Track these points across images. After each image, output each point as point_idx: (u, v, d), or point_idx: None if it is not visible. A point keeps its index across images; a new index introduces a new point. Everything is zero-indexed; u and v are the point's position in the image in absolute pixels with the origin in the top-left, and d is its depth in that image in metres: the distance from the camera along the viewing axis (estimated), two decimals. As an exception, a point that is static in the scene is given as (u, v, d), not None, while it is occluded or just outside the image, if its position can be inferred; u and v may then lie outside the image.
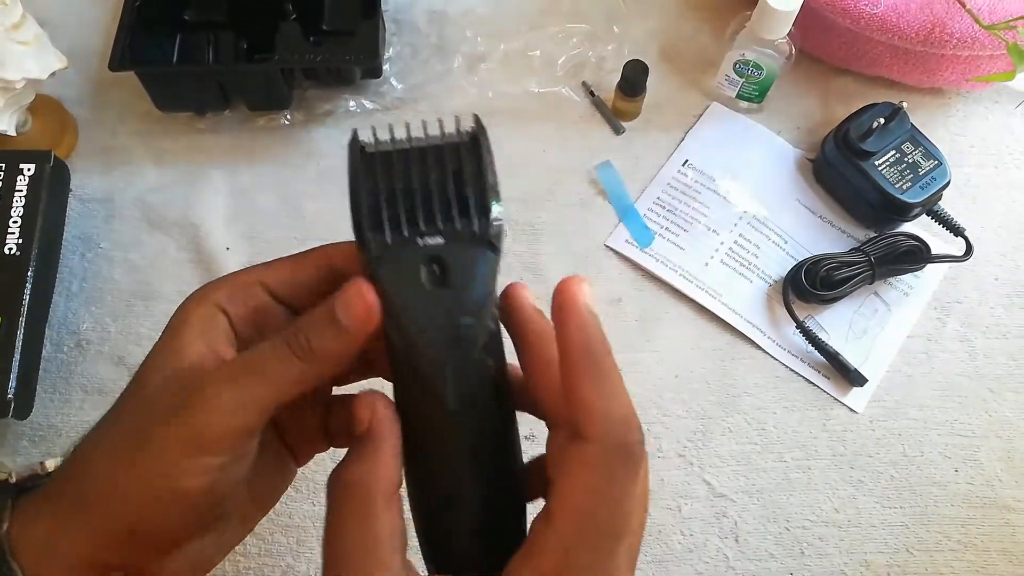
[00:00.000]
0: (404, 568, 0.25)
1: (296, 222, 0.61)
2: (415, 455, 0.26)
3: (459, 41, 0.67)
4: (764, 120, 0.65)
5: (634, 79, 0.61)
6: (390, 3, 0.68)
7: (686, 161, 0.63)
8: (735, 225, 0.61)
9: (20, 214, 0.54)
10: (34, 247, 0.53)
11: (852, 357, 0.56)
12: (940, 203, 0.59)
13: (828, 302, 0.58)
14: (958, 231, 0.59)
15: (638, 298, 0.59)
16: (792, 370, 0.57)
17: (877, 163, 0.58)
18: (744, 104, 0.64)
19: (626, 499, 0.24)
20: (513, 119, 0.64)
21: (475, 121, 0.26)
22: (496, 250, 0.26)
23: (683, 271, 0.59)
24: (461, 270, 0.25)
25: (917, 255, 0.58)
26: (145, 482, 0.25)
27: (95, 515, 0.25)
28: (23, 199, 0.54)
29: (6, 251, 0.53)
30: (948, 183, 0.58)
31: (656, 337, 0.57)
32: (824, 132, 0.61)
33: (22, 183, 0.54)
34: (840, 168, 0.59)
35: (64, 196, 0.59)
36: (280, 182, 0.62)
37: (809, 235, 0.61)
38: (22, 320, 0.51)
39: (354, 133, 0.26)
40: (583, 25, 0.67)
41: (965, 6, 0.56)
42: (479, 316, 0.25)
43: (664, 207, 0.61)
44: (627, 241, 0.60)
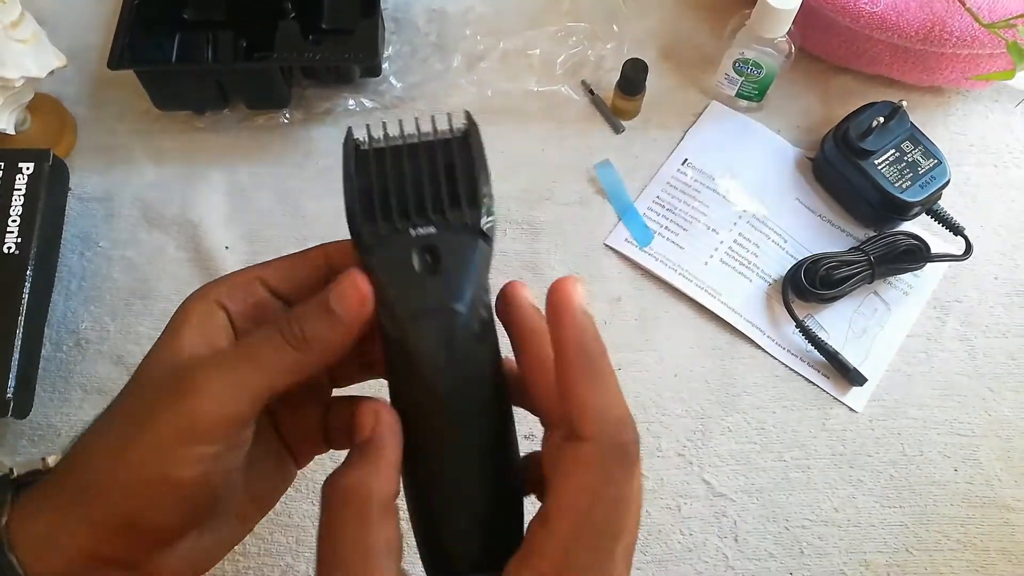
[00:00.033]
0: None
1: (295, 221, 0.61)
2: (412, 450, 0.26)
3: (458, 40, 0.67)
4: (764, 119, 0.65)
5: (633, 78, 0.61)
6: (389, 2, 0.68)
7: (685, 160, 0.63)
8: (735, 224, 0.60)
9: (19, 213, 0.53)
10: (33, 246, 0.53)
11: (852, 356, 0.56)
12: (940, 202, 0.59)
13: (828, 301, 0.58)
14: (958, 230, 0.59)
15: (637, 297, 0.59)
16: (791, 369, 0.57)
17: (877, 162, 0.58)
18: (744, 103, 0.64)
19: (623, 499, 0.24)
20: (512, 118, 0.64)
21: (466, 117, 0.27)
22: (488, 240, 0.26)
23: (682, 270, 0.59)
24: (453, 258, 0.25)
25: (917, 254, 0.58)
26: (139, 471, 0.25)
27: (93, 507, 0.25)
28: (22, 198, 0.54)
29: (5, 250, 0.53)
30: (948, 182, 0.58)
31: (655, 336, 0.57)
32: (824, 131, 0.61)
33: (21, 182, 0.54)
34: (840, 167, 0.59)
35: (63, 195, 0.59)
36: (279, 181, 0.62)
37: (809, 234, 0.61)
38: (21, 319, 0.51)
39: (349, 131, 0.26)
40: (582, 24, 0.67)
41: (965, 4, 0.56)
42: (471, 303, 0.25)
43: (663, 206, 0.61)
44: (626, 240, 0.60)
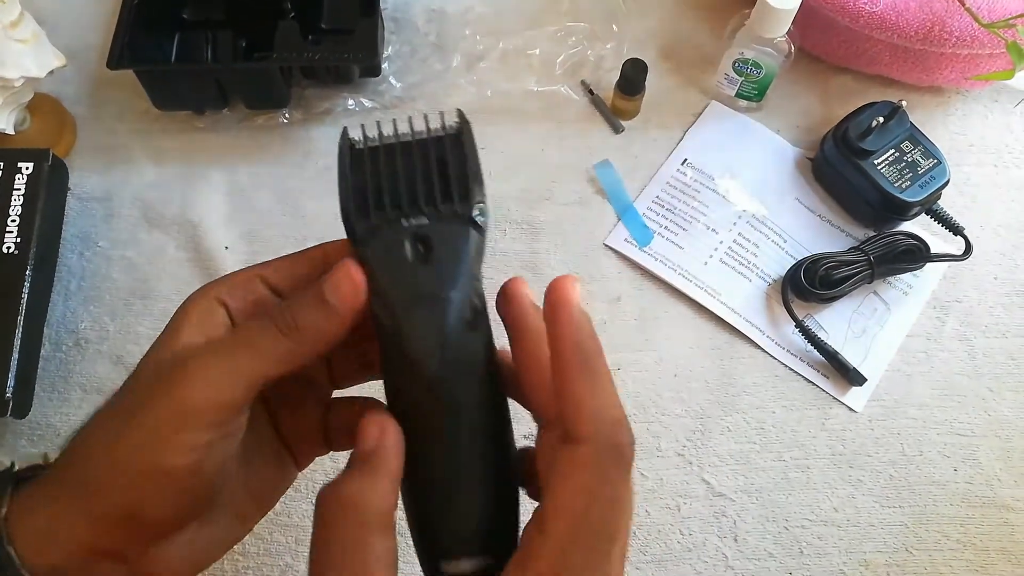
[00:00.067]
0: None
1: (294, 220, 0.61)
2: (407, 441, 0.26)
3: (458, 40, 0.67)
4: (763, 119, 0.65)
5: (633, 78, 0.61)
6: (389, 2, 0.68)
7: (685, 160, 0.63)
8: (734, 224, 0.60)
9: (19, 213, 0.53)
10: (32, 246, 0.53)
11: (851, 356, 0.56)
12: (939, 202, 0.59)
13: (827, 301, 0.58)
14: (957, 230, 0.59)
15: (637, 297, 0.59)
16: (791, 369, 0.57)
17: (876, 162, 0.58)
18: (743, 103, 0.64)
19: (619, 500, 0.24)
20: (512, 118, 0.64)
21: (458, 115, 0.28)
22: (480, 230, 0.26)
23: (682, 270, 0.59)
24: (445, 247, 0.26)
25: (916, 254, 0.58)
26: (133, 461, 0.25)
27: (89, 499, 0.25)
28: (21, 198, 0.54)
29: (4, 250, 0.52)
30: (947, 182, 0.58)
31: (655, 336, 0.57)
32: (823, 131, 0.61)
33: (20, 182, 0.54)
34: (839, 167, 0.59)
35: (62, 195, 0.59)
36: (278, 181, 0.62)
37: (808, 234, 0.61)
38: (20, 319, 0.51)
39: (344, 130, 0.27)
40: (582, 24, 0.67)
41: (964, 4, 0.56)
42: (464, 291, 0.26)
43: (663, 206, 0.61)
44: (626, 240, 0.60)
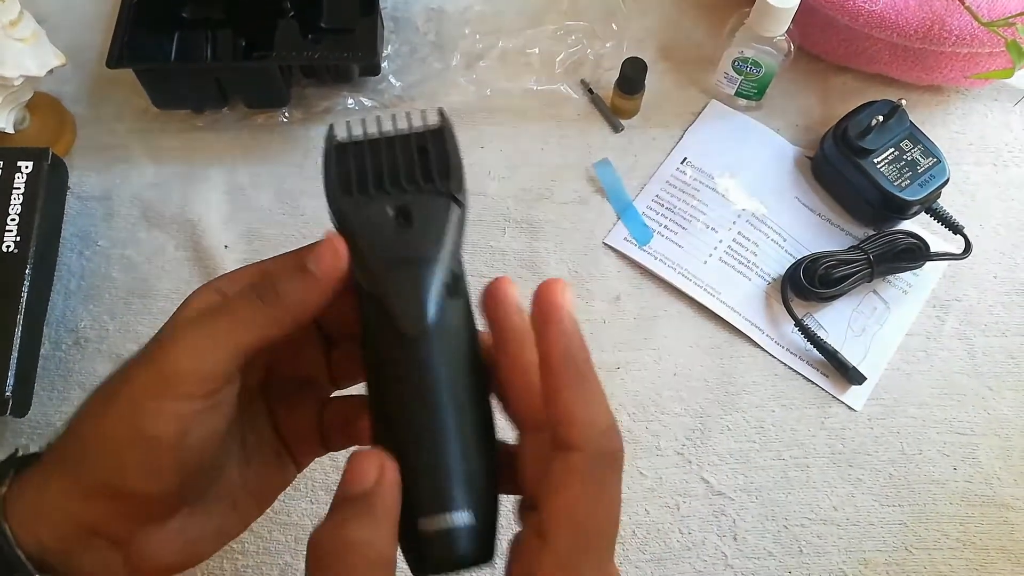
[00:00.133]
0: None
1: (294, 219, 0.61)
2: (386, 408, 0.26)
3: (457, 39, 0.67)
4: (763, 118, 0.65)
5: (633, 77, 0.61)
6: (388, 1, 0.68)
7: (685, 159, 0.63)
8: (734, 223, 0.60)
9: (18, 212, 0.53)
10: (32, 245, 0.53)
11: (851, 355, 0.56)
12: (939, 201, 0.59)
13: (827, 300, 0.58)
14: (957, 229, 0.59)
15: (636, 296, 0.59)
16: (791, 368, 0.56)
17: (876, 161, 0.58)
18: (743, 102, 0.64)
19: (615, 504, 0.25)
20: (511, 117, 0.64)
21: (439, 113, 0.28)
22: (460, 204, 0.27)
23: (682, 269, 0.59)
24: (426, 216, 0.27)
25: (916, 253, 0.58)
26: (116, 430, 0.25)
27: (78, 473, 0.26)
28: (21, 197, 0.54)
29: (4, 249, 0.52)
30: (947, 181, 0.58)
31: (654, 335, 0.57)
32: (823, 130, 0.61)
33: (20, 181, 0.54)
34: (839, 166, 0.59)
35: (62, 194, 0.59)
36: (278, 180, 0.62)
37: (808, 233, 0.61)
38: (20, 317, 0.51)
39: (330, 127, 0.28)
40: (582, 22, 0.67)
41: (964, 3, 0.56)
42: (444, 256, 0.26)
43: (663, 205, 0.61)
44: (625, 239, 0.60)
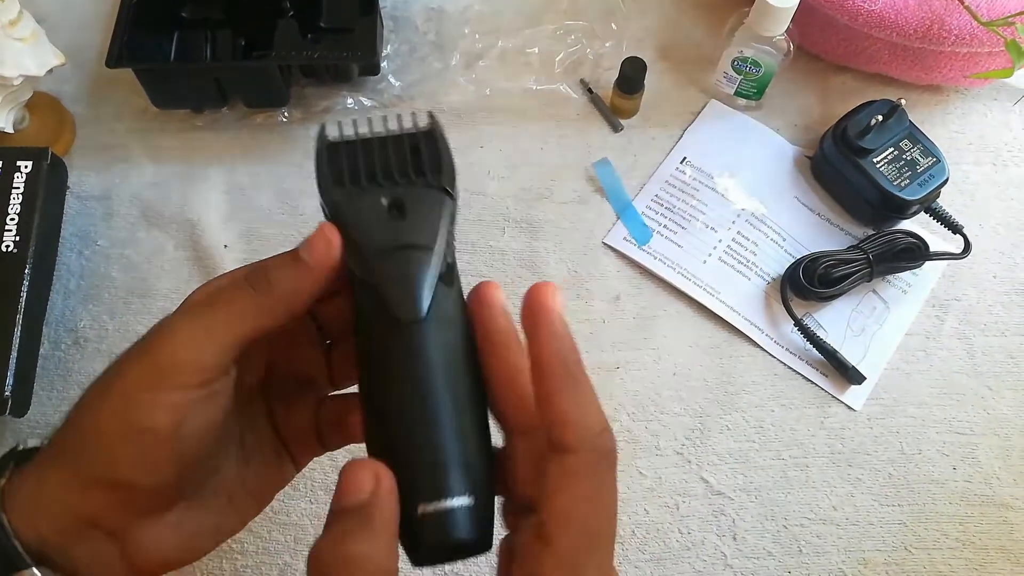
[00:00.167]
0: None
1: (293, 219, 0.61)
2: (380, 393, 0.26)
3: (457, 38, 0.67)
4: (762, 117, 0.65)
5: (632, 76, 0.61)
6: (388, 0, 0.68)
7: (684, 158, 0.63)
8: (733, 223, 0.60)
9: (17, 211, 0.53)
10: (31, 244, 0.53)
11: (850, 355, 0.56)
12: (938, 200, 0.59)
13: (826, 300, 0.58)
14: (956, 228, 0.59)
15: (636, 296, 0.59)
16: (790, 368, 0.56)
17: (875, 160, 0.58)
18: (742, 101, 0.64)
19: (613, 503, 0.25)
20: (511, 116, 0.64)
21: (429, 115, 0.29)
22: (451, 196, 0.28)
23: (681, 269, 0.59)
24: (419, 207, 0.27)
25: (915, 253, 0.58)
26: (112, 421, 0.25)
27: (75, 464, 0.26)
28: (20, 196, 0.54)
29: (3, 248, 0.52)
30: (946, 180, 0.58)
31: (654, 334, 0.57)
32: (822, 129, 0.61)
33: (19, 180, 0.54)
34: (838, 165, 0.59)
35: (61, 193, 0.59)
36: (278, 179, 0.62)
37: (807, 233, 0.61)
38: (19, 317, 0.51)
39: (321, 126, 0.29)
40: (581, 22, 0.67)
41: (963, 3, 0.56)
42: (437, 245, 0.27)
43: (662, 204, 0.61)
44: (625, 239, 0.60)
